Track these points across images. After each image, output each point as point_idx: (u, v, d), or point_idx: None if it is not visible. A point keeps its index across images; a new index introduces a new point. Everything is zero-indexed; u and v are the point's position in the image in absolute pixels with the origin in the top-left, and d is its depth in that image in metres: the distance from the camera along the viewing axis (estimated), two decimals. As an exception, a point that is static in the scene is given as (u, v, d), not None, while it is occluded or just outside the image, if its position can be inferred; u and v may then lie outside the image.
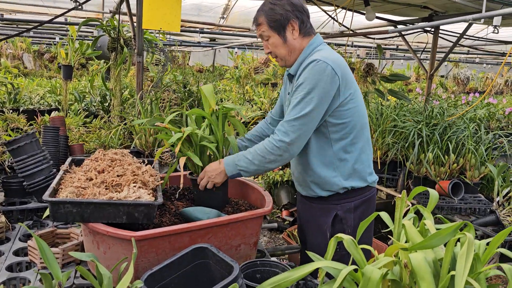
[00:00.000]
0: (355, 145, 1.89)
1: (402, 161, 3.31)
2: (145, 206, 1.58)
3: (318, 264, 1.00)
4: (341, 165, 1.88)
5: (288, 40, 1.84)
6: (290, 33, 1.83)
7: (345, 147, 1.87)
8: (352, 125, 1.85)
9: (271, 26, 1.83)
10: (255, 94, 6.93)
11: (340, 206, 1.92)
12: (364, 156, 1.93)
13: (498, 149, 3.27)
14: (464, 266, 0.87)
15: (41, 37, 9.11)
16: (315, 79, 1.72)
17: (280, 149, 1.75)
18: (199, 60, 12.25)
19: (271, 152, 1.76)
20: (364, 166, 1.93)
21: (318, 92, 1.72)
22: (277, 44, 1.85)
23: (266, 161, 1.78)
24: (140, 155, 3.01)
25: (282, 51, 1.86)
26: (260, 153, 1.78)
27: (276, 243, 4.26)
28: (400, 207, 1.10)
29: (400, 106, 3.79)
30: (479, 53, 8.07)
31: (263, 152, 1.78)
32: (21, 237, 2.01)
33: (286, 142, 1.74)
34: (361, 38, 7.16)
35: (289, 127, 1.74)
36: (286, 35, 1.83)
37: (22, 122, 3.78)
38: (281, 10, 1.81)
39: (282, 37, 1.83)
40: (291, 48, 1.85)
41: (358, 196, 1.93)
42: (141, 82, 3.40)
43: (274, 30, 1.83)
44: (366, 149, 1.95)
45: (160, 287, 1.36)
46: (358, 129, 1.88)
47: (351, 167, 1.89)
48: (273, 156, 1.76)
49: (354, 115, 1.85)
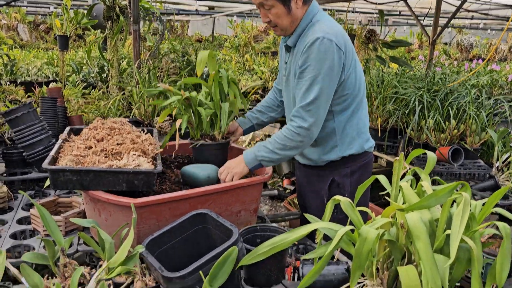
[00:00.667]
0: (356, 114, 1.89)
1: (402, 128, 3.29)
2: (145, 174, 1.59)
3: (314, 225, 1.01)
4: (342, 135, 1.89)
5: (293, 10, 1.73)
6: (295, 3, 1.72)
7: (347, 118, 1.87)
8: (353, 95, 1.85)
9: None
10: (255, 63, 6.85)
11: (337, 171, 1.94)
12: (362, 124, 1.93)
13: (499, 115, 3.25)
14: (460, 224, 0.88)
15: (36, 7, 8.93)
16: (322, 59, 1.68)
17: (300, 135, 1.73)
18: (198, 30, 12.04)
19: (291, 139, 1.74)
20: (362, 134, 1.94)
21: (327, 72, 1.69)
22: (280, 14, 1.73)
23: (287, 148, 1.76)
24: (139, 124, 3.01)
25: (285, 22, 1.76)
26: (280, 141, 1.76)
27: (278, 211, 4.31)
28: (398, 169, 1.10)
29: (402, 73, 3.74)
30: (483, 17, 7.90)
31: (283, 140, 1.75)
32: (23, 206, 2.04)
33: (305, 127, 1.72)
34: (363, 4, 6.99)
35: (305, 112, 1.72)
36: (291, 4, 1.71)
37: (20, 94, 3.75)
38: None
39: (287, 7, 1.71)
40: (294, 17, 1.76)
41: (355, 161, 1.95)
42: (138, 51, 3.35)
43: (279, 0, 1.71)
44: (364, 116, 1.95)
45: (161, 251, 1.39)
46: (359, 99, 1.88)
47: (350, 137, 1.90)
48: (293, 143, 1.75)
49: (355, 86, 1.84)
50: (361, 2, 6.43)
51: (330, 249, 0.92)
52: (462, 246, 0.91)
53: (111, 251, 1.26)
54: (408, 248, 1.02)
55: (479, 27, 10.93)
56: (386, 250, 1.05)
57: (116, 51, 3.86)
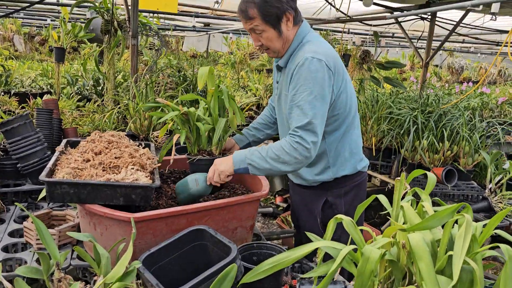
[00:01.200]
0: (347, 134, 1.88)
1: (396, 148, 3.32)
2: (143, 188, 1.58)
3: (317, 244, 1.01)
4: (334, 156, 1.88)
5: (283, 32, 1.74)
6: (285, 25, 1.73)
7: (338, 138, 1.86)
8: (344, 116, 1.83)
9: (266, 21, 1.70)
10: (250, 80, 6.89)
11: (331, 192, 1.93)
12: (354, 144, 1.92)
13: (492, 137, 3.30)
14: (462, 246, 0.89)
15: (32, 19, 8.94)
16: (312, 79, 1.66)
17: (297, 151, 1.64)
18: (193, 46, 12.12)
19: (287, 153, 1.65)
20: (355, 154, 1.93)
21: (319, 91, 1.67)
22: (271, 37, 1.74)
23: (280, 160, 1.66)
24: (135, 138, 3.00)
25: (277, 45, 1.77)
26: (275, 151, 1.67)
27: (270, 228, 4.28)
28: (399, 189, 1.11)
29: (396, 94, 3.80)
30: (474, 41, 8.09)
31: (278, 150, 1.66)
32: (16, 218, 2.00)
33: (304, 146, 1.64)
34: (357, 25, 7.12)
35: (303, 131, 1.66)
36: (282, 28, 1.73)
37: (14, 104, 3.73)
38: (276, 3, 1.68)
39: (277, 30, 1.73)
40: (285, 40, 1.77)
41: (348, 182, 1.94)
42: (135, 65, 3.36)
43: (269, 24, 1.71)
44: (357, 136, 1.94)
45: (158, 267, 1.37)
46: (350, 119, 1.87)
47: (343, 157, 1.89)
48: (288, 157, 1.65)
49: (346, 106, 1.82)
50: (356, 24, 6.55)
51: (333, 268, 0.91)
52: (464, 268, 0.92)
53: (107, 267, 1.24)
54: (409, 268, 1.02)
55: (469, 50, 11.17)
56: (387, 271, 1.05)
57: (113, 64, 3.87)
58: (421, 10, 3.66)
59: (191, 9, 6.55)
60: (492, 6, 2.59)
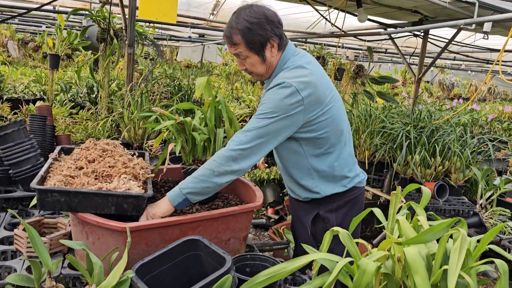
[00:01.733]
0: (331, 154, 1.83)
1: (389, 162, 3.35)
2: (135, 198, 1.57)
3: (314, 256, 1.01)
4: (319, 175, 1.85)
5: (267, 58, 1.74)
6: (269, 51, 1.73)
7: (320, 158, 1.83)
8: (325, 137, 1.79)
9: (250, 48, 1.70)
10: (244, 92, 6.92)
11: (322, 206, 1.92)
12: (344, 163, 1.88)
13: (483, 153, 3.34)
14: (457, 260, 0.89)
15: (27, 25, 8.92)
16: (275, 100, 1.64)
17: (230, 159, 1.60)
18: (187, 56, 12.16)
19: (219, 164, 1.60)
20: (344, 172, 1.88)
21: (277, 111, 1.63)
22: (255, 63, 1.75)
23: (214, 174, 1.60)
24: (129, 147, 2.99)
25: (261, 70, 1.78)
26: (207, 166, 1.62)
27: (262, 239, 4.27)
28: (395, 203, 1.12)
29: (389, 108, 3.84)
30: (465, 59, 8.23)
31: (210, 164, 1.62)
32: (6, 225, 1.97)
33: (237, 151, 1.60)
34: (351, 40, 7.22)
35: (242, 137, 1.63)
36: (265, 54, 1.73)
37: (6, 110, 3.70)
38: (260, 30, 1.68)
39: (261, 56, 1.73)
40: (269, 65, 1.77)
41: (340, 198, 1.90)
42: (131, 73, 3.37)
43: (253, 50, 1.71)
44: (348, 154, 1.90)
45: (151, 277, 1.35)
46: (332, 139, 1.82)
47: (330, 175, 1.86)
48: (221, 167, 1.60)
49: (327, 127, 1.77)
50: (350, 38, 6.64)
51: (330, 280, 0.91)
52: (459, 282, 0.92)
53: (100, 276, 1.23)
54: (404, 282, 1.02)
55: (460, 67, 11.36)
56: (382, 284, 1.05)
57: (108, 72, 3.88)
58: (415, 27, 3.72)
59: (187, 19, 6.59)
60: (484, 25, 2.65)
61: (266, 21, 1.69)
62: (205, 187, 1.62)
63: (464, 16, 3.26)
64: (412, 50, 5.96)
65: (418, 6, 3.75)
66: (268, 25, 1.69)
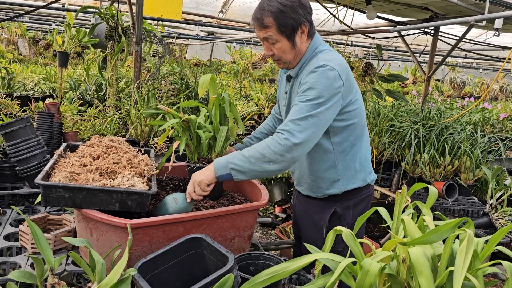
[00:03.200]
0: (357, 146, 1.86)
1: (397, 161, 3.31)
2: (139, 194, 1.56)
3: (316, 255, 0.99)
4: (343, 168, 1.86)
5: (297, 44, 1.71)
6: (299, 37, 1.70)
7: (347, 150, 1.84)
8: (353, 127, 1.81)
9: (281, 31, 1.66)
10: (252, 90, 6.91)
11: (340, 203, 1.91)
12: (364, 157, 1.91)
13: (493, 152, 3.29)
14: (464, 261, 0.87)
15: (37, 23, 9.00)
16: (322, 84, 1.62)
17: (284, 148, 1.55)
18: (196, 54, 12.18)
19: (272, 151, 1.55)
20: (365, 167, 1.91)
21: (327, 96, 1.62)
22: (285, 49, 1.71)
23: (265, 160, 1.56)
24: (135, 144, 2.99)
25: (289, 56, 1.74)
26: (259, 149, 1.58)
27: (268, 238, 4.25)
28: (400, 202, 1.10)
29: (398, 107, 3.80)
30: (476, 57, 8.12)
31: (263, 149, 1.57)
32: (12, 222, 1.98)
33: (291, 141, 1.56)
34: (361, 38, 7.16)
35: (294, 126, 1.58)
36: (296, 39, 1.70)
37: (16, 107, 3.73)
38: (293, 14, 1.64)
39: (291, 41, 1.69)
40: (298, 52, 1.74)
41: (357, 195, 1.92)
42: (138, 71, 3.37)
43: (284, 34, 1.67)
44: (365, 149, 1.92)
45: (153, 275, 1.35)
46: (359, 130, 1.84)
47: (353, 170, 1.87)
48: (274, 155, 1.55)
49: (355, 117, 1.80)
50: (359, 36, 6.59)
51: (331, 281, 0.90)
52: (465, 284, 0.90)
53: (102, 273, 1.22)
54: (409, 283, 1.00)
55: (471, 66, 11.21)
56: (386, 285, 1.03)
57: (116, 70, 3.88)
58: (424, 24, 3.67)
59: (196, 17, 6.59)
60: (496, 21, 2.59)
61: (299, 5, 1.66)
62: (252, 169, 1.58)
63: (475, 13, 3.20)
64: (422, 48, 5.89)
65: (428, 3, 3.69)
66: (301, 9, 1.66)
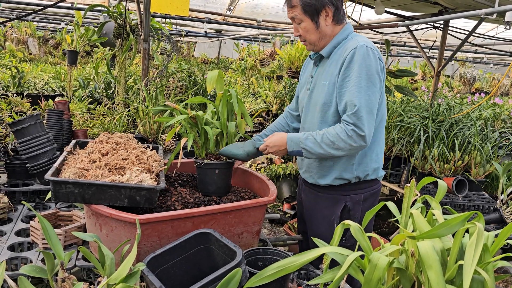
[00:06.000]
0: (377, 135, 1.89)
1: (406, 157, 3.28)
2: (147, 190, 1.57)
3: (324, 249, 0.99)
4: (361, 156, 1.88)
5: (321, 26, 1.81)
6: (324, 19, 1.81)
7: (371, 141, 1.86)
8: (379, 114, 1.85)
9: (305, 11, 1.78)
10: (260, 87, 6.90)
11: (350, 197, 1.91)
12: (380, 148, 1.94)
13: (504, 147, 3.25)
14: (473, 255, 0.86)
15: (47, 22, 9.08)
16: (367, 66, 1.70)
17: (352, 139, 1.69)
18: (204, 52, 12.21)
19: (342, 139, 1.70)
20: (378, 158, 1.94)
21: (373, 78, 1.71)
22: (308, 29, 1.82)
23: (334, 147, 1.72)
24: (143, 141, 3.00)
25: (313, 37, 1.84)
26: (330, 137, 1.72)
27: (277, 235, 4.25)
28: (409, 196, 1.09)
29: (407, 102, 3.77)
30: (487, 52, 8.01)
31: (334, 137, 1.71)
32: (23, 218, 2.01)
33: (360, 134, 1.69)
34: (369, 34, 7.10)
35: (357, 119, 1.69)
36: (320, 20, 1.80)
37: (26, 106, 3.77)
38: None
39: (315, 22, 1.80)
40: (322, 34, 1.83)
41: (367, 188, 1.93)
42: (146, 68, 3.39)
43: (308, 14, 1.79)
44: (383, 141, 1.96)
45: (162, 270, 1.35)
46: (380, 119, 1.88)
47: (369, 157, 1.89)
48: (343, 143, 1.70)
49: (381, 105, 1.85)
50: (368, 32, 6.54)
51: (339, 275, 0.89)
52: (475, 278, 0.89)
53: (111, 268, 1.23)
54: (418, 277, 0.99)
55: (482, 61, 11.07)
56: (395, 279, 1.03)
57: (124, 68, 3.91)
58: (433, 18, 3.63)
59: (203, 15, 6.60)
60: (507, 14, 2.55)
61: None
62: (320, 153, 1.75)
63: (485, 6, 3.16)
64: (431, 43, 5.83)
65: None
66: None
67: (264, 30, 7.11)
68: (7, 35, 8.74)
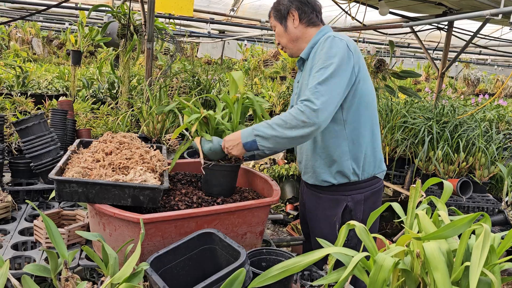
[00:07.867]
0: (367, 127, 1.89)
1: (410, 158, 3.27)
2: (151, 189, 1.57)
3: (329, 250, 0.98)
4: (354, 148, 1.87)
5: (289, 28, 1.93)
6: (291, 22, 1.93)
7: (357, 129, 1.86)
8: (364, 105, 1.85)
9: (275, 16, 1.96)
10: (263, 87, 6.90)
11: (351, 197, 1.90)
12: (376, 142, 1.94)
13: (509, 149, 3.23)
14: (480, 256, 0.85)
15: (51, 22, 9.12)
16: (333, 51, 1.72)
17: (304, 114, 1.62)
18: (207, 52, 12.21)
19: (294, 117, 1.63)
20: (377, 152, 1.94)
21: (338, 64, 1.70)
22: (279, 33, 1.97)
23: (286, 126, 1.64)
24: (147, 141, 3.01)
25: (284, 40, 1.97)
26: (282, 117, 1.67)
27: (280, 236, 4.24)
28: (414, 197, 1.08)
29: (411, 103, 3.75)
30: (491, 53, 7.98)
31: (285, 116, 1.66)
32: (27, 217, 2.01)
33: (311, 108, 1.61)
34: (373, 35, 7.10)
35: (311, 93, 1.65)
36: (288, 24, 1.93)
37: (30, 105, 3.78)
38: (285, 1, 1.94)
39: (283, 26, 1.94)
40: (292, 36, 1.94)
41: (368, 187, 1.92)
42: (150, 68, 3.39)
43: (277, 19, 1.95)
44: (377, 135, 1.96)
45: (165, 269, 1.35)
46: (370, 111, 1.88)
47: (363, 151, 1.88)
48: (295, 121, 1.62)
49: (365, 96, 1.85)
50: (371, 33, 6.53)
51: (345, 275, 0.89)
52: (482, 279, 0.88)
53: (115, 267, 1.23)
54: (423, 279, 0.98)
55: (486, 62, 11.02)
56: (400, 280, 1.02)
57: (128, 68, 3.91)
58: (438, 18, 3.62)
59: (207, 15, 6.61)
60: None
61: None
62: (274, 135, 1.66)
63: (490, 7, 3.14)
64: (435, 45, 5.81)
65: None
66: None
67: (267, 31, 7.11)
68: (11, 35, 8.78)
